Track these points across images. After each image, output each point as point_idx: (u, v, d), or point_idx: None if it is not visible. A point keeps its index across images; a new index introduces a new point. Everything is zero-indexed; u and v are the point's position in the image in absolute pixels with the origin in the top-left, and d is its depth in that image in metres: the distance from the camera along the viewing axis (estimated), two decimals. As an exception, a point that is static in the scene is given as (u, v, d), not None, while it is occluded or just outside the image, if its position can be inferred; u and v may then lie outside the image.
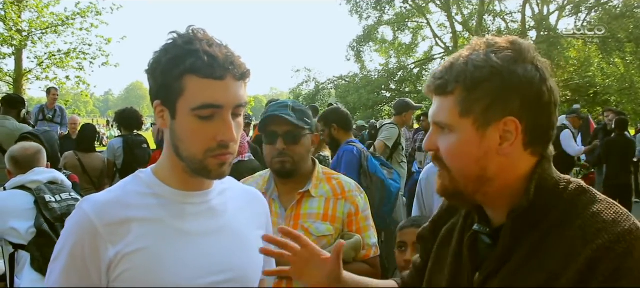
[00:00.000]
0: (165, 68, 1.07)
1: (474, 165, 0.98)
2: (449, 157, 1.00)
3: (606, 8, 18.23)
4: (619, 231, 0.87)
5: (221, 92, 1.07)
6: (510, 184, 0.99)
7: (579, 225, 0.91)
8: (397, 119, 5.47)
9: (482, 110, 0.95)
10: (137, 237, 1.10)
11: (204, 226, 1.18)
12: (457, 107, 0.97)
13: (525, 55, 0.97)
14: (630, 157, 7.60)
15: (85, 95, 15.58)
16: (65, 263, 1.11)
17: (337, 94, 20.15)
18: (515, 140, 0.96)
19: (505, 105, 0.95)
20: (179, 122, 1.10)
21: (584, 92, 19.53)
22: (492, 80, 0.94)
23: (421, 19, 21.39)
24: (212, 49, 1.07)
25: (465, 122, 0.97)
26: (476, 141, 0.97)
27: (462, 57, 0.99)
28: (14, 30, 12.57)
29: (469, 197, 1.01)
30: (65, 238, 1.13)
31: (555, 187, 0.98)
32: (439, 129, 1.02)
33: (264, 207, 1.38)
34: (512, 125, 0.95)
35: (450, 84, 0.98)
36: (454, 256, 1.11)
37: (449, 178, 1.02)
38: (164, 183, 1.17)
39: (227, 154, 1.11)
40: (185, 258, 1.13)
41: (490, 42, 0.99)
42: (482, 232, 1.05)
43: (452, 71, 0.98)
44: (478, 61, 0.96)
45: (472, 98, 0.95)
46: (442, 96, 1.00)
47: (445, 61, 1.03)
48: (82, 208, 1.12)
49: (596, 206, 0.93)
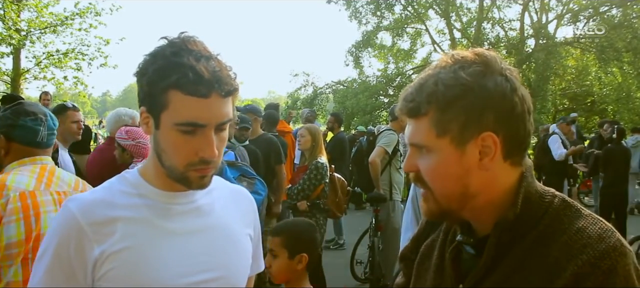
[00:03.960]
0: (151, 78, 1.07)
1: (456, 184, 0.98)
2: (429, 177, 1.00)
3: (604, 17, 18.30)
4: (604, 248, 0.88)
5: (205, 111, 1.06)
6: (493, 198, 0.99)
7: (564, 240, 0.91)
8: (394, 125, 5.47)
9: (458, 129, 0.95)
10: (122, 237, 1.10)
11: (190, 225, 1.18)
12: (433, 128, 0.96)
13: (494, 67, 0.96)
14: (627, 165, 7.63)
15: (83, 96, 15.58)
16: (50, 262, 1.11)
17: (335, 99, 20.14)
18: (495, 154, 0.96)
19: (480, 121, 0.94)
20: (162, 133, 1.10)
21: (581, 100, 19.60)
22: (464, 98, 0.94)
23: (420, 25, 21.45)
24: (200, 64, 1.04)
25: (443, 142, 0.96)
26: (455, 159, 0.96)
27: (431, 76, 0.98)
28: (13, 29, 12.55)
29: (455, 215, 1.01)
30: (50, 237, 1.13)
31: (540, 199, 0.98)
32: (417, 150, 1.01)
33: (252, 206, 1.38)
34: (489, 140, 0.95)
35: (422, 105, 0.97)
36: (435, 270, 1.10)
37: (433, 199, 1.01)
38: (149, 184, 1.17)
39: (209, 168, 1.11)
40: (170, 257, 1.13)
41: (457, 57, 0.98)
42: (466, 243, 1.05)
43: (422, 92, 0.97)
44: (447, 80, 0.95)
45: (447, 118, 0.95)
46: (416, 118, 0.99)
47: (414, 81, 1.01)
48: (67, 207, 1.12)
49: (581, 221, 0.94)
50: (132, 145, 3.53)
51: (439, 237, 1.15)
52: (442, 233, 1.14)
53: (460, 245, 1.06)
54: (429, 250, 1.16)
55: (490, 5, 19.77)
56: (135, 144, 3.53)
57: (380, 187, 5.24)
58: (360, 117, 17.58)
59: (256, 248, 1.38)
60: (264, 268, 1.46)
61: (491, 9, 19.86)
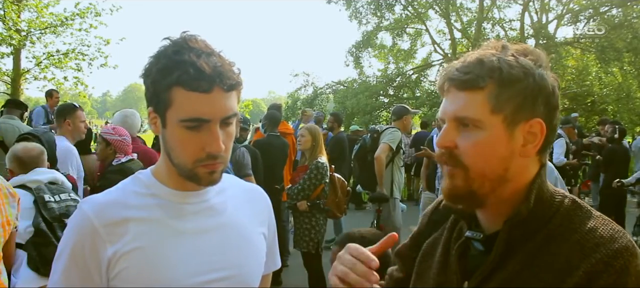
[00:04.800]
0: (154, 78, 1.09)
1: (499, 164, 0.97)
2: (472, 154, 0.97)
3: (604, 18, 18.30)
4: (617, 247, 0.89)
5: (208, 106, 1.07)
6: (519, 188, 0.99)
7: (576, 239, 0.92)
8: (397, 124, 5.52)
9: (513, 109, 0.95)
10: (135, 236, 1.12)
11: (202, 224, 1.19)
12: (489, 103, 0.95)
13: (544, 62, 0.99)
14: (627, 165, 7.64)
15: (83, 96, 15.56)
16: (66, 262, 1.13)
17: (336, 99, 20.13)
18: (538, 143, 0.97)
19: (533, 107, 0.96)
20: (168, 131, 1.12)
21: (581, 100, 19.59)
22: (524, 80, 0.95)
23: (420, 25, 21.44)
24: (201, 60, 1.06)
25: (495, 119, 0.96)
26: (504, 139, 0.96)
27: (490, 55, 0.98)
28: (13, 29, 12.54)
29: (480, 198, 0.99)
30: (66, 238, 1.16)
31: (551, 199, 0.99)
32: (460, 126, 0.98)
33: (266, 204, 1.39)
34: (537, 127, 0.97)
35: (482, 79, 0.96)
36: (439, 268, 1.10)
37: (463, 177, 0.98)
38: (162, 184, 1.19)
39: (217, 163, 1.12)
40: (182, 256, 1.14)
41: (510, 47, 1.00)
42: (475, 239, 1.04)
43: (483, 66, 0.96)
44: (510, 60, 0.96)
45: (505, 95, 0.95)
46: (470, 91, 0.97)
47: (468, 57, 1.00)
48: (82, 208, 1.15)
49: (593, 222, 0.95)
50: (118, 141, 3.57)
51: (442, 235, 1.14)
52: (446, 231, 1.14)
53: (468, 241, 1.06)
54: (431, 248, 1.16)
55: (490, 6, 19.78)
56: (121, 140, 3.57)
57: (383, 184, 5.25)
58: (360, 117, 17.57)
59: (271, 246, 1.39)
60: (280, 265, 1.47)
61: (491, 9, 19.88)
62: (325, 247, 5.20)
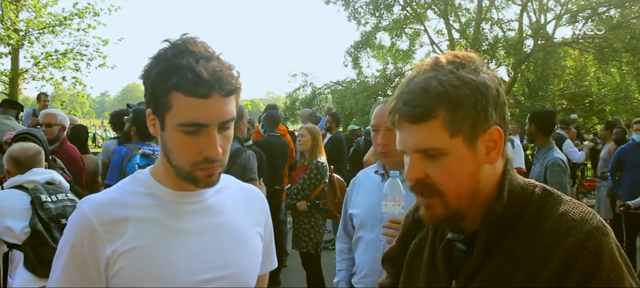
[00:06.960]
0: (154, 81, 1.09)
1: (470, 181, 1.00)
2: (444, 180, 0.99)
3: (603, 18, 18.33)
4: (588, 229, 0.93)
5: (206, 111, 1.08)
6: (491, 189, 1.02)
7: (549, 226, 0.96)
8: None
9: (469, 127, 0.97)
10: (133, 236, 1.13)
11: (200, 224, 1.20)
12: (445, 129, 0.97)
13: (480, 66, 1.00)
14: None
15: (81, 96, 15.55)
16: (66, 261, 1.14)
17: (334, 99, 20.14)
18: (500, 147, 1.00)
19: (487, 117, 0.98)
20: (167, 134, 1.13)
21: (579, 101, 19.62)
22: (472, 97, 0.96)
23: (419, 25, 21.45)
24: (199, 65, 1.06)
25: (456, 141, 0.98)
26: (469, 157, 0.99)
27: (428, 79, 0.97)
28: (11, 29, 12.55)
29: (460, 215, 1.02)
30: (66, 237, 1.17)
31: (523, 190, 1.03)
32: (425, 157, 1.00)
33: (263, 205, 1.40)
34: (496, 133, 0.99)
35: (432, 109, 0.96)
36: (427, 268, 1.12)
37: (441, 204, 1.00)
38: (160, 184, 1.20)
39: (215, 167, 1.13)
40: (180, 255, 1.16)
41: (443, 60, 1.00)
42: (456, 240, 1.07)
43: (428, 95, 0.96)
44: (451, 80, 0.96)
45: (459, 117, 0.96)
46: (423, 123, 0.97)
47: (406, 87, 1.00)
48: (81, 208, 1.16)
49: (563, 207, 0.99)
50: None
51: (428, 235, 1.17)
52: (431, 231, 1.16)
53: (450, 242, 1.08)
54: (418, 249, 1.18)
55: (488, 6, 19.79)
56: None
57: None
58: (359, 117, 17.57)
59: (268, 246, 1.40)
60: (277, 265, 1.48)
61: (490, 9, 19.88)
62: (324, 247, 5.20)
